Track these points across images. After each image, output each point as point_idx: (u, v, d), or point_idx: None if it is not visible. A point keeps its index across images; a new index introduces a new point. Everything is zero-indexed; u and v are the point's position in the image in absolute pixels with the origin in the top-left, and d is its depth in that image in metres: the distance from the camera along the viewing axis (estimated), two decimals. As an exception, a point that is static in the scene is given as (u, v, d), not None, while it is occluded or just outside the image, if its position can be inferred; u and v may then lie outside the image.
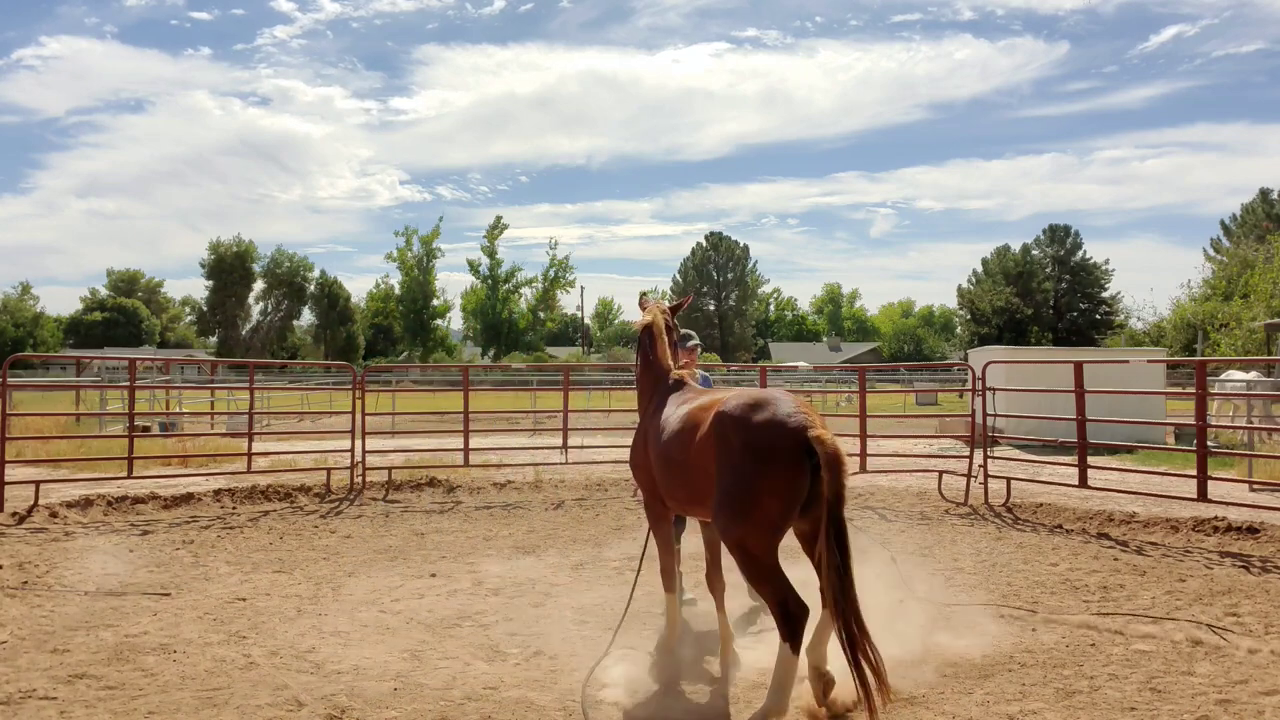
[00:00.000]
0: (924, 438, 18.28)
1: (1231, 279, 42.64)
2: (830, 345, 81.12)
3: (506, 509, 10.90)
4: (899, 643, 5.27)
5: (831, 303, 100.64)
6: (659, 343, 5.79)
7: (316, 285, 74.43)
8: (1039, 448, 13.82)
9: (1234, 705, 4.75)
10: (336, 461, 12.34)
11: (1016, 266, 71.87)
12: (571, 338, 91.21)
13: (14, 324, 62.88)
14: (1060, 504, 10.41)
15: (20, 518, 9.47)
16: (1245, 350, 30.38)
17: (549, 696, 4.94)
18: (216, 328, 73.36)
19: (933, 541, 9.02)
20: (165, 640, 5.73)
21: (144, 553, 8.37)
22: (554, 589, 7.28)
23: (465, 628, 6.19)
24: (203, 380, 26.13)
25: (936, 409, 29.26)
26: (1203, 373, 10.48)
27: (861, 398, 12.90)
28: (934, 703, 4.85)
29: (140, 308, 68.27)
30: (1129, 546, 8.71)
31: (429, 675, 5.23)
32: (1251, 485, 10.98)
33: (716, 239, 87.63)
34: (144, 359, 20.20)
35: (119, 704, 4.73)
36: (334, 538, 9.19)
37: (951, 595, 6.87)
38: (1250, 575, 7.55)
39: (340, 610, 6.56)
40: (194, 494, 10.93)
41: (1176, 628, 6.05)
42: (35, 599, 6.70)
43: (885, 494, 11.41)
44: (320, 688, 5.00)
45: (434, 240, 76.30)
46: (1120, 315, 70.99)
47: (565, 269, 77.97)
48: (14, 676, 5.06)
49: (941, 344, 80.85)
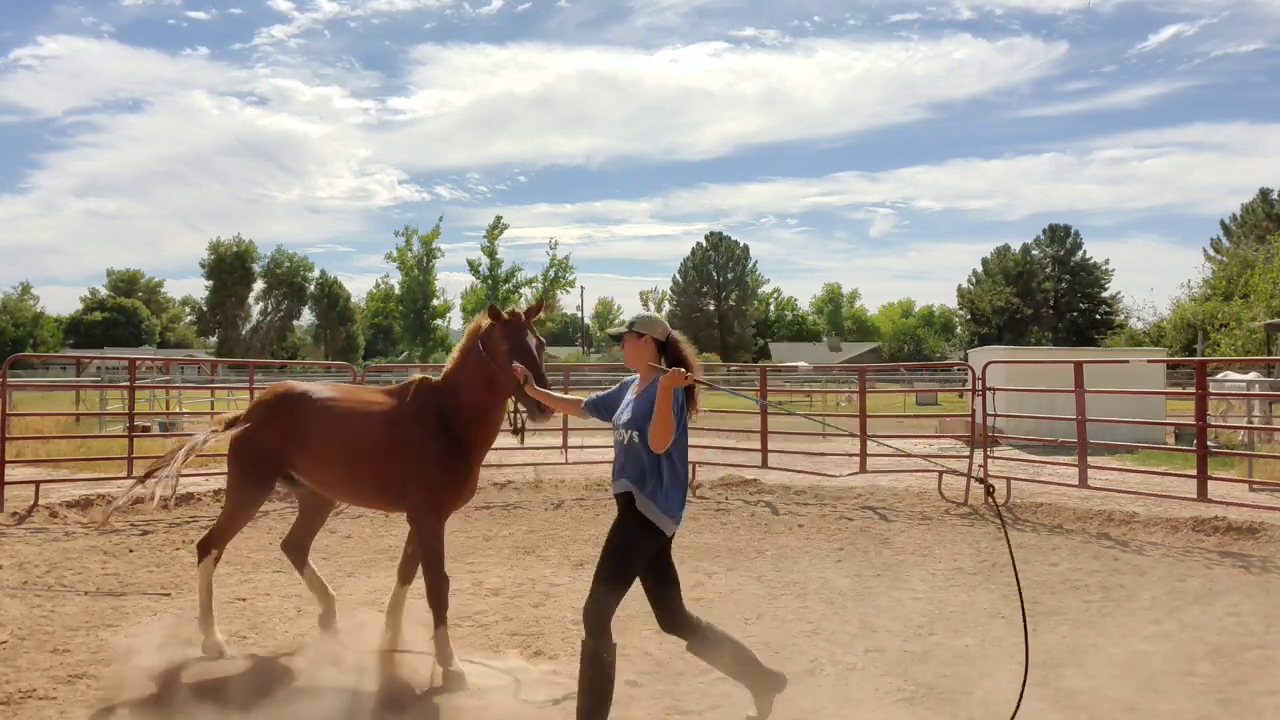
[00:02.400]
0: (924, 438, 18.28)
1: (1231, 279, 42.68)
2: (830, 345, 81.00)
3: (506, 509, 10.90)
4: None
5: (831, 303, 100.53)
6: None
7: (316, 285, 74.47)
8: (1039, 448, 13.82)
9: (1234, 705, 4.75)
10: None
11: (1016, 266, 71.92)
12: (571, 338, 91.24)
13: (14, 324, 62.90)
14: (1060, 504, 10.41)
15: (20, 518, 9.47)
16: (1245, 350, 30.38)
17: (549, 696, 4.94)
18: (216, 328, 73.40)
19: (933, 541, 9.02)
20: (165, 640, 5.73)
21: (144, 553, 8.37)
22: (554, 589, 7.28)
23: (465, 628, 6.19)
24: (203, 380, 26.12)
25: (936, 409, 29.27)
26: (1203, 373, 10.49)
27: (861, 398, 12.90)
28: (934, 703, 4.85)
29: (140, 308, 68.29)
30: (1129, 546, 8.71)
31: (429, 675, 5.23)
32: (1251, 485, 10.98)
33: (716, 239, 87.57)
34: (144, 359, 20.22)
35: (119, 704, 4.73)
36: (334, 538, 9.19)
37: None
38: (1250, 575, 7.55)
39: (340, 610, 6.55)
40: (194, 494, 10.92)
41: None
42: (35, 599, 6.70)
43: (885, 494, 11.41)
44: (320, 687, 5.00)
45: (434, 240, 76.36)
46: (1120, 315, 71.06)
47: (565, 269, 77.99)
48: (14, 676, 5.06)
49: (941, 344, 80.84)
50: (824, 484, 11.93)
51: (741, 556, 8.44)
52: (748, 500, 11.32)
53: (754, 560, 8.29)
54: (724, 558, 8.34)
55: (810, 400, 30.33)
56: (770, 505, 10.97)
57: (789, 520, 10.15)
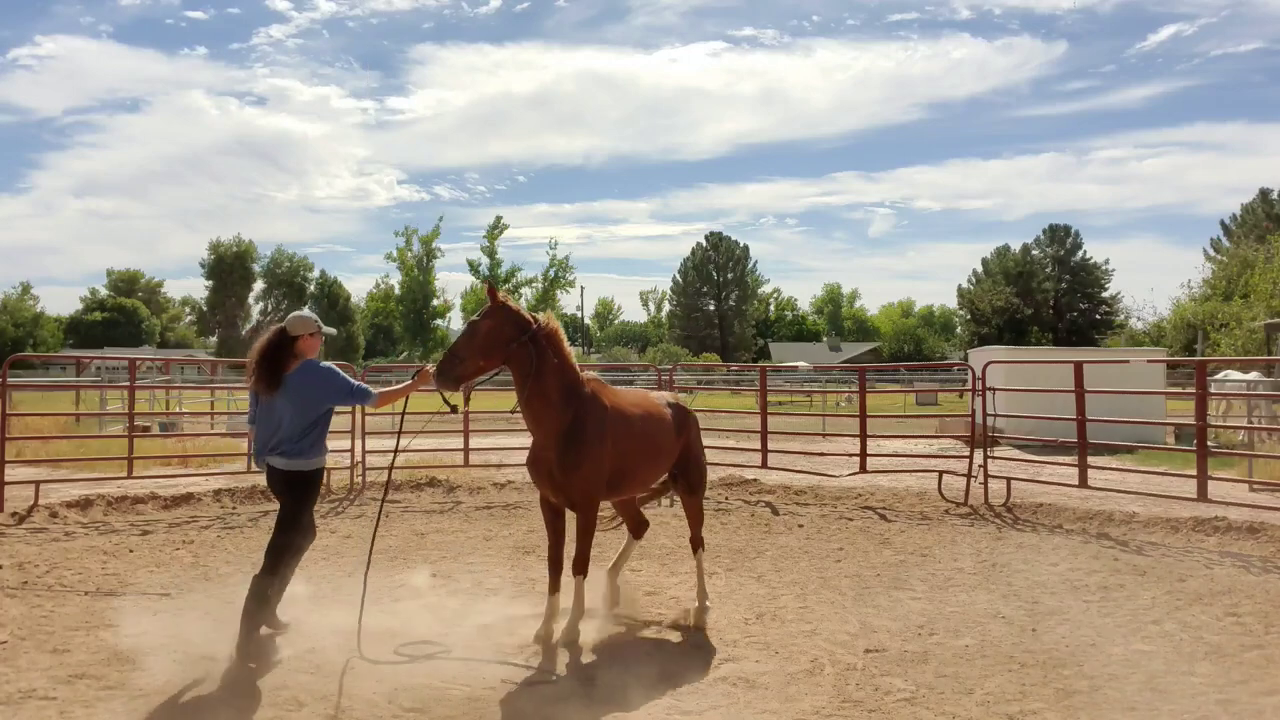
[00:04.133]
0: (924, 438, 18.28)
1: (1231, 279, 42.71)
2: (830, 345, 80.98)
3: (506, 509, 10.90)
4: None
5: (831, 303, 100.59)
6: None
7: (316, 285, 74.46)
8: (1039, 448, 13.81)
9: (1234, 705, 4.75)
10: (336, 461, 12.29)
11: (1016, 266, 71.88)
12: (571, 338, 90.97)
13: (14, 324, 62.83)
14: (1060, 504, 10.41)
15: (20, 518, 9.47)
16: (1245, 350, 30.37)
17: (549, 695, 4.94)
18: (216, 328, 73.35)
19: (933, 541, 9.02)
20: (165, 640, 5.73)
21: (144, 553, 8.37)
22: (554, 589, 7.27)
23: (465, 628, 6.19)
24: (203, 380, 26.10)
25: (936, 409, 29.25)
26: (1203, 373, 10.48)
27: (861, 398, 12.89)
28: (934, 703, 4.85)
29: (140, 308, 68.25)
30: (1129, 546, 8.71)
31: (430, 675, 5.23)
32: (1251, 485, 10.97)
33: (716, 239, 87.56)
34: (144, 359, 20.18)
35: (119, 704, 4.73)
36: (334, 538, 9.19)
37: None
38: (1250, 575, 7.55)
39: (340, 611, 6.54)
40: (194, 494, 10.92)
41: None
42: (35, 599, 6.70)
43: (885, 494, 11.41)
44: (320, 688, 5.00)
45: (434, 240, 76.35)
46: (1120, 315, 71.03)
47: (565, 269, 77.98)
48: (14, 676, 5.06)
49: (941, 344, 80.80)
50: (824, 484, 11.92)
51: (741, 556, 8.44)
52: (748, 500, 11.32)
53: (754, 560, 8.29)
54: (724, 558, 8.34)
55: (810, 400, 30.32)
56: (770, 505, 10.97)
57: (789, 520, 10.15)
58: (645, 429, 6.09)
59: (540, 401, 5.64)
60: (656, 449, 6.19)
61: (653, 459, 6.20)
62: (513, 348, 5.59)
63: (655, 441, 6.17)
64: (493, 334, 5.59)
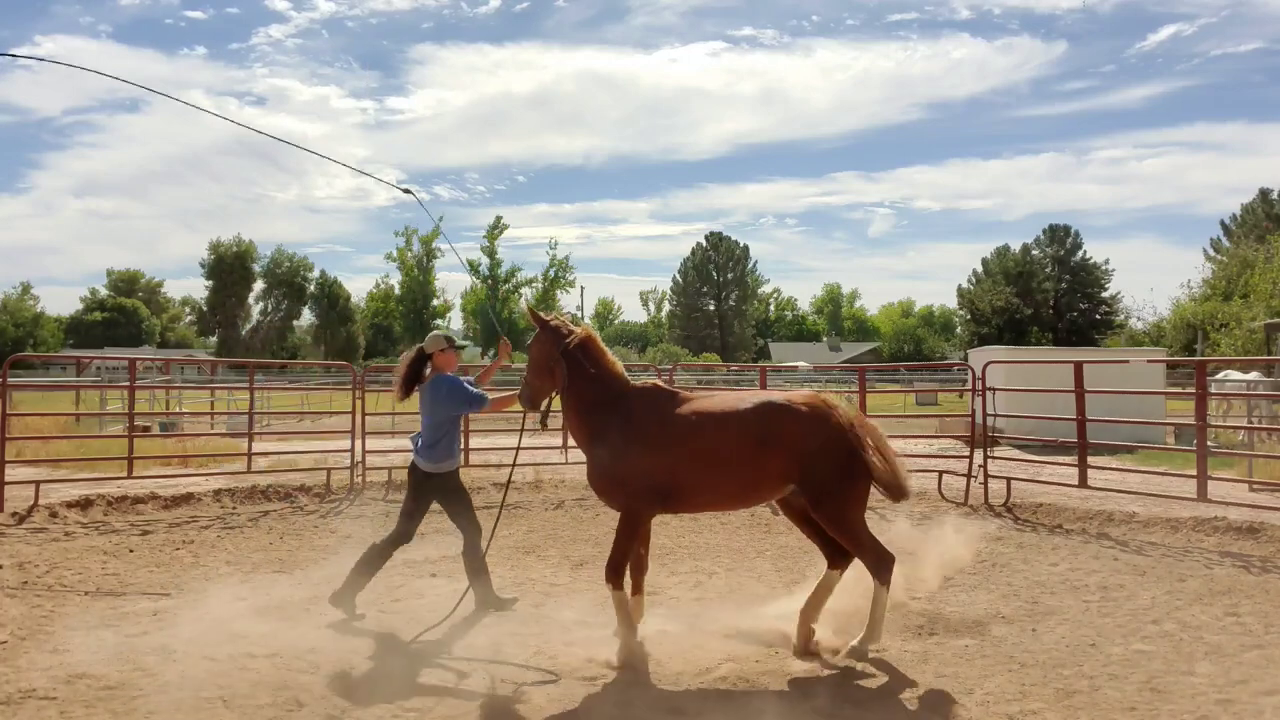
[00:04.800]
0: (924, 438, 18.28)
1: (1231, 279, 42.69)
2: (830, 345, 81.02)
3: (506, 509, 10.88)
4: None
5: (831, 303, 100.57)
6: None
7: (316, 285, 74.47)
8: (1039, 448, 13.81)
9: (1234, 705, 4.75)
10: (336, 461, 12.33)
11: (1016, 266, 71.84)
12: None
13: (14, 324, 62.89)
14: (1060, 504, 10.40)
15: (20, 518, 9.47)
16: (1245, 350, 30.37)
17: (549, 696, 4.95)
18: (216, 328, 73.39)
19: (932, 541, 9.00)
20: (165, 640, 5.73)
21: (144, 553, 8.37)
22: (554, 589, 7.29)
23: (465, 628, 6.19)
24: (203, 380, 26.11)
25: (936, 409, 29.25)
26: (1203, 373, 10.49)
27: (861, 398, 12.88)
28: (934, 703, 4.85)
29: (140, 308, 68.30)
30: (1129, 546, 8.71)
31: (430, 675, 5.23)
32: (1251, 485, 10.97)
33: (716, 239, 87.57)
34: (144, 359, 20.19)
35: (119, 704, 4.73)
36: (334, 538, 9.19)
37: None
38: (1250, 575, 7.55)
39: (340, 611, 6.55)
40: (194, 494, 10.92)
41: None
42: (35, 599, 6.70)
43: (885, 494, 11.39)
44: (320, 687, 5.00)
45: (434, 240, 76.40)
46: (1120, 315, 70.99)
47: (565, 269, 78.08)
48: (14, 676, 5.06)
49: (941, 344, 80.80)
50: (824, 484, 11.90)
51: (741, 556, 8.44)
52: (748, 500, 11.30)
53: (754, 560, 8.29)
54: (724, 558, 8.34)
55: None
56: (770, 505, 10.95)
57: (789, 520, 10.12)
58: (708, 438, 5.60)
59: (570, 412, 5.90)
60: (719, 459, 5.58)
61: (717, 470, 5.61)
62: (554, 364, 5.87)
63: (719, 452, 5.57)
64: (539, 357, 5.96)
